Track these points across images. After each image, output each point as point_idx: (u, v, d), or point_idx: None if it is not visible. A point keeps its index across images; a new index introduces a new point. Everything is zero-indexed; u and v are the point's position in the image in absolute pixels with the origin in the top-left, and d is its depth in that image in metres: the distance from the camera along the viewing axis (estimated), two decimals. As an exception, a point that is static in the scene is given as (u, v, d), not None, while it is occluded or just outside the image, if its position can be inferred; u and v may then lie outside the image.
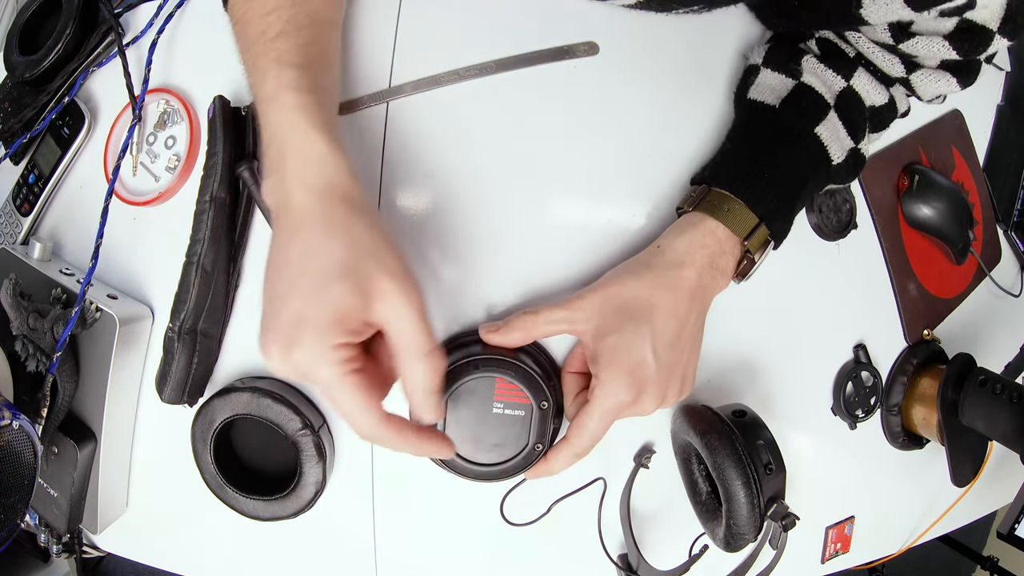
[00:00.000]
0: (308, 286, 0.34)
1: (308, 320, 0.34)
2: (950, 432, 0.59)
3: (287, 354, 0.34)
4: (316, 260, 0.35)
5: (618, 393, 0.42)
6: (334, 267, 0.35)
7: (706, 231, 0.45)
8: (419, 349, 0.35)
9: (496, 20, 0.50)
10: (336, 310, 0.34)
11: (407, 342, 0.35)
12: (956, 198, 0.64)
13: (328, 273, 0.34)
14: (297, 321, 0.34)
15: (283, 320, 0.34)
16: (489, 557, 0.53)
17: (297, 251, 0.36)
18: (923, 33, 0.43)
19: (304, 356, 0.34)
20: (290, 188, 0.36)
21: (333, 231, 0.36)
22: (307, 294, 0.34)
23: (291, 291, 0.35)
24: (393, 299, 0.35)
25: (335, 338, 0.34)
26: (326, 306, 0.34)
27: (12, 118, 0.56)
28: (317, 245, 0.35)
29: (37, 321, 0.45)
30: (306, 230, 0.36)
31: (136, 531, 0.54)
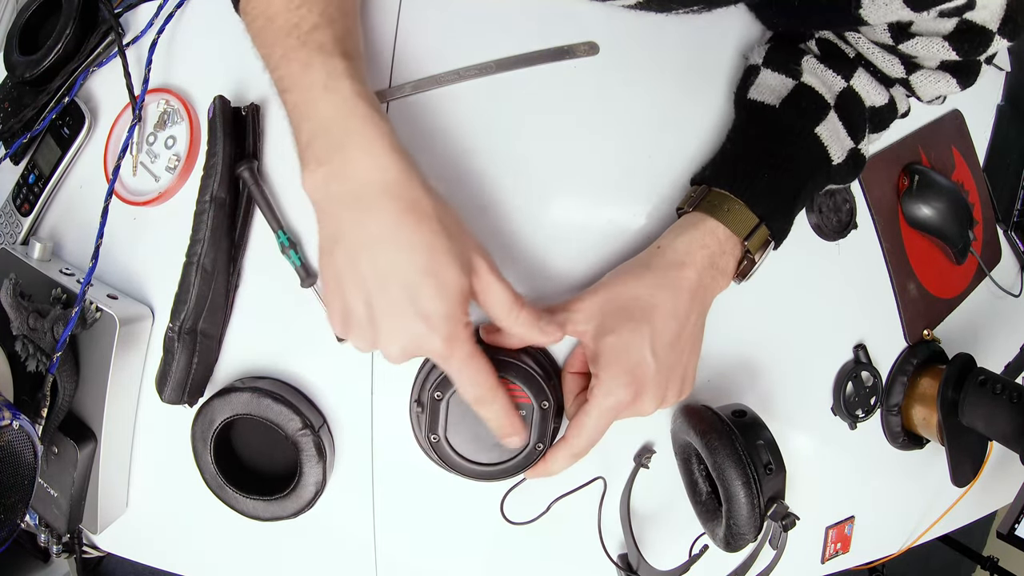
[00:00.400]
0: (427, 280, 0.36)
1: (436, 312, 0.36)
2: (950, 432, 0.59)
3: (422, 344, 0.36)
4: (426, 252, 0.36)
5: (617, 393, 0.42)
6: (446, 254, 0.36)
7: (706, 231, 0.45)
8: (512, 301, 0.40)
9: (496, 20, 0.50)
10: (460, 294, 0.37)
11: (502, 301, 0.39)
12: (956, 198, 0.64)
13: (444, 261, 0.36)
14: (426, 317, 0.36)
15: (408, 318, 0.36)
16: (489, 557, 0.53)
17: (398, 245, 0.36)
18: (923, 34, 0.43)
19: (441, 341, 0.36)
20: (363, 178, 0.36)
21: (429, 220, 0.36)
22: (430, 288, 0.36)
23: (407, 287, 0.36)
24: (482, 270, 0.38)
25: (464, 317, 0.37)
26: (452, 294, 0.36)
27: (12, 118, 0.56)
28: (421, 237, 0.36)
29: (37, 321, 0.45)
30: (402, 223, 0.36)
31: (136, 531, 0.54)
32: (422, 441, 0.46)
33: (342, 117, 0.37)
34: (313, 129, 0.37)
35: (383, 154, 0.37)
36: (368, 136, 0.37)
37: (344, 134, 0.37)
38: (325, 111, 0.37)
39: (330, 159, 0.37)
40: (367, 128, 0.37)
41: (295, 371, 0.50)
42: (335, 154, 0.37)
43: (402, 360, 0.38)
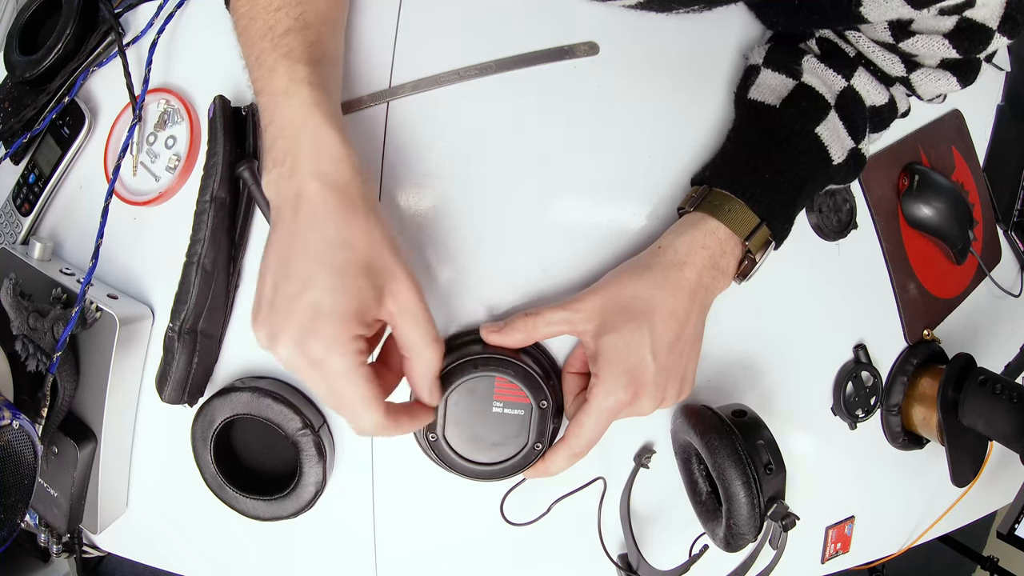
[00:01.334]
0: (330, 277, 0.35)
1: (326, 310, 0.35)
2: (950, 432, 0.59)
3: (302, 342, 0.35)
4: (338, 252, 0.36)
5: (616, 393, 0.42)
6: (357, 260, 0.36)
7: (707, 231, 0.45)
8: (427, 339, 0.38)
9: (496, 20, 0.50)
10: (358, 302, 0.36)
11: (417, 334, 0.38)
12: (956, 198, 0.64)
13: (351, 266, 0.36)
14: (315, 311, 0.35)
15: (300, 309, 0.35)
16: (489, 557, 0.53)
17: (316, 241, 0.36)
18: (923, 32, 0.43)
19: (320, 345, 0.35)
20: (304, 179, 0.37)
21: (354, 225, 0.37)
22: (329, 285, 0.35)
23: (310, 281, 0.35)
24: (403, 295, 0.37)
25: (353, 329, 0.35)
26: (349, 298, 0.35)
27: (12, 118, 0.56)
28: (338, 237, 0.36)
29: (37, 321, 0.45)
30: (326, 222, 0.36)
31: (136, 531, 0.54)
32: (421, 440, 0.46)
33: (296, 123, 0.38)
34: (274, 133, 0.39)
35: (326, 161, 0.38)
36: (316, 144, 0.38)
37: (296, 140, 0.38)
38: (283, 116, 0.39)
39: (284, 161, 0.38)
40: (316, 136, 0.38)
41: (295, 371, 0.50)
42: (288, 157, 0.38)
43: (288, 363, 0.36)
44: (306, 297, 0.35)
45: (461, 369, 0.44)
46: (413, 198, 0.49)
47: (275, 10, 0.41)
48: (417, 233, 0.49)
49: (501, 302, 0.49)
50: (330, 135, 0.38)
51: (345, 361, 0.35)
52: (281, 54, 0.40)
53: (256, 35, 0.41)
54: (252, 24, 0.41)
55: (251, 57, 0.41)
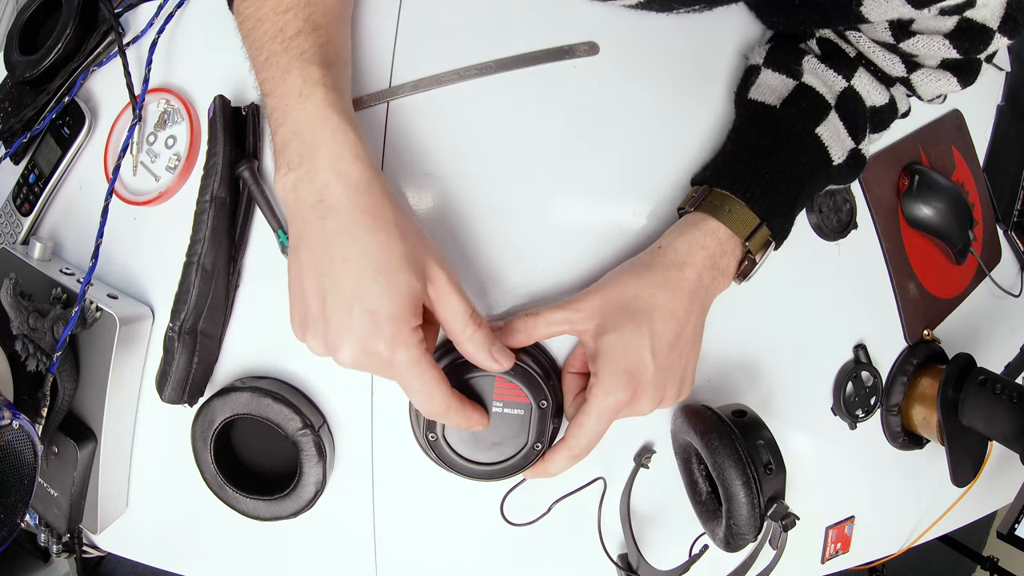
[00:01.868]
0: (378, 280, 0.36)
1: (384, 314, 0.36)
2: (950, 432, 0.59)
3: (366, 346, 0.36)
4: (380, 253, 0.37)
5: (616, 392, 0.42)
6: (400, 257, 0.37)
7: (707, 232, 0.45)
8: (468, 316, 0.40)
9: (496, 20, 0.50)
10: (408, 298, 0.37)
11: (457, 313, 0.39)
12: (956, 198, 0.64)
13: (394, 265, 0.37)
14: (372, 317, 0.36)
15: (356, 317, 0.36)
16: (489, 557, 0.53)
17: (354, 247, 0.37)
18: (923, 32, 0.43)
19: (384, 345, 0.36)
20: (327, 182, 0.37)
21: (386, 223, 0.37)
22: (379, 289, 0.36)
23: (359, 288, 0.36)
24: (439, 280, 0.39)
25: (411, 323, 0.37)
26: (400, 297, 0.37)
27: (12, 118, 0.56)
28: (376, 240, 0.37)
29: (37, 321, 0.45)
30: (358, 225, 0.37)
31: (136, 531, 0.54)
32: (421, 440, 0.46)
33: (313, 125, 0.38)
34: (287, 135, 0.39)
35: (348, 161, 0.38)
36: (336, 144, 0.38)
37: (314, 141, 0.38)
38: (298, 118, 0.39)
39: (300, 164, 0.38)
40: (336, 136, 0.38)
41: (295, 371, 0.50)
42: (305, 160, 0.38)
43: (352, 364, 0.37)
44: (360, 305, 0.36)
45: (461, 368, 0.44)
46: (413, 198, 0.49)
47: (284, 11, 0.41)
48: (417, 233, 0.49)
49: (501, 302, 0.49)
50: (349, 136, 0.38)
51: (410, 354, 0.37)
52: (293, 56, 0.39)
53: (265, 37, 0.41)
54: (260, 26, 0.41)
55: (259, 59, 0.41)
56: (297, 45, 0.40)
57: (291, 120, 0.39)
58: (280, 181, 0.39)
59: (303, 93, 0.39)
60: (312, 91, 0.39)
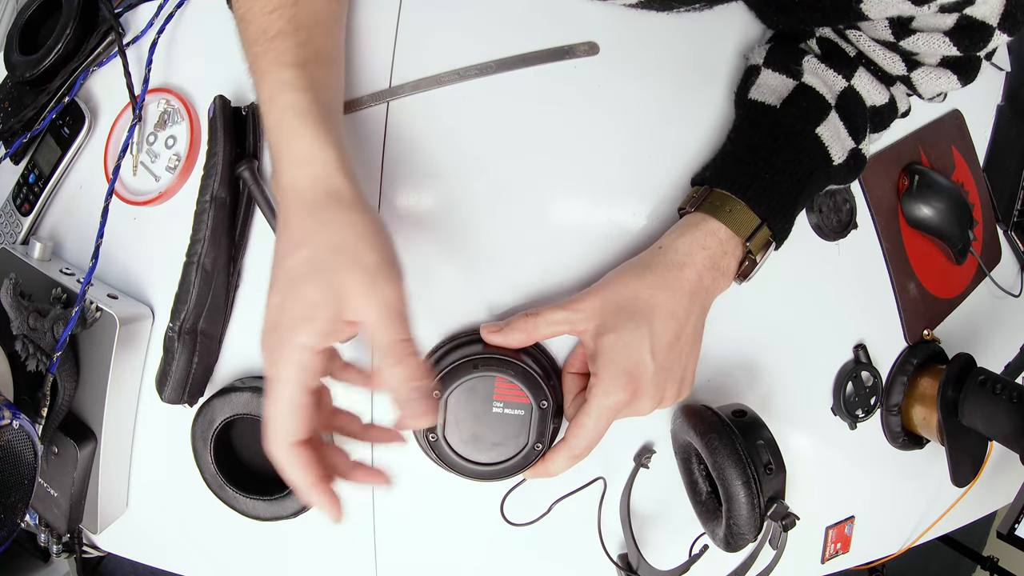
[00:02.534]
0: (284, 285, 0.36)
1: (283, 318, 0.35)
2: (950, 432, 0.59)
3: (264, 351, 0.36)
4: (291, 258, 0.36)
5: (615, 392, 0.42)
6: (303, 265, 0.36)
7: (708, 232, 0.45)
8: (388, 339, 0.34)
9: (496, 20, 0.50)
10: (306, 308, 0.35)
11: (377, 335, 0.35)
12: (956, 198, 0.64)
13: (299, 271, 0.36)
14: (276, 319, 0.36)
15: (268, 318, 0.36)
16: (489, 557, 0.53)
17: (280, 248, 0.37)
18: (923, 30, 0.43)
19: (271, 353, 0.35)
20: (282, 187, 0.38)
21: (309, 228, 0.37)
22: (284, 292, 0.36)
23: (274, 289, 0.36)
24: (364, 294, 0.34)
25: (301, 337, 0.34)
26: (298, 304, 0.35)
27: (12, 118, 0.56)
28: (294, 243, 0.37)
29: (37, 321, 0.45)
30: (289, 228, 0.37)
31: (136, 531, 0.54)
32: (420, 440, 0.46)
33: (276, 131, 0.39)
34: (267, 140, 0.41)
35: (296, 165, 0.38)
36: (291, 148, 0.38)
37: (277, 146, 0.39)
38: (270, 123, 0.40)
39: (274, 169, 0.40)
40: (291, 140, 0.38)
41: (295, 371, 0.50)
42: (275, 161, 0.39)
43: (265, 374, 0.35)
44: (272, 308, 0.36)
45: (461, 369, 0.44)
46: (413, 198, 0.49)
47: (269, 12, 0.41)
48: (417, 233, 0.49)
49: (501, 302, 0.49)
50: (300, 137, 0.38)
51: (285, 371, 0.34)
52: (270, 60, 0.40)
53: (252, 39, 0.41)
54: (248, 28, 0.42)
55: (248, 61, 0.42)
56: (275, 48, 0.40)
57: (267, 125, 0.40)
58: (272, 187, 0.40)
59: (271, 98, 0.39)
60: (277, 95, 0.39)
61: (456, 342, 0.48)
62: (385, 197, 0.48)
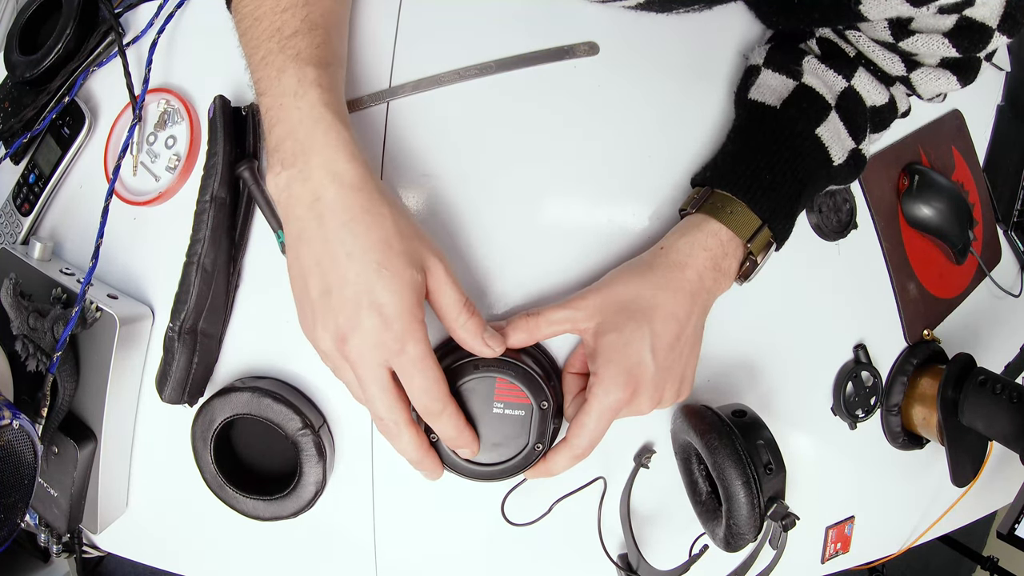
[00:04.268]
0: (382, 272, 0.37)
1: (391, 305, 0.37)
2: (950, 432, 0.59)
3: (377, 339, 0.37)
4: (382, 247, 0.37)
5: (615, 391, 0.42)
6: (401, 253, 0.38)
7: (709, 233, 0.45)
8: (462, 304, 0.40)
9: (496, 20, 0.50)
10: (415, 290, 0.38)
11: (452, 302, 0.40)
12: (956, 198, 0.64)
13: (399, 258, 0.37)
14: (380, 308, 0.37)
15: (363, 309, 0.37)
16: (489, 557, 0.53)
17: (356, 244, 0.37)
18: (923, 31, 0.43)
19: (394, 338, 0.37)
20: (322, 182, 0.38)
21: (383, 220, 0.38)
22: (384, 280, 0.37)
23: (365, 284, 0.37)
24: (437, 271, 0.39)
25: (418, 314, 0.38)
26: (407, 289, 0.37)
27: (12, 118, 0.56)
28: (376, 234, 0.37)
29: (37, 321, 0.45)
30: (356, 223, 0.38)
31: (136, 531, 0.54)
32: (422, 441, 0.46)
33: (307, 125, 0.39)
34: (281, 134, 0.39)
35: (343, 160, 0.38)
36: (330, 144, 0.38)
37: (308, 141, 0.39)
38: (293, 118, 0.39)
39: (294, 163, 0.39)
40: (329, 136, 0.39)
41: (295, 371, 0.50)
42: (299, 159, 0.39)
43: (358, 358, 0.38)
44: (367, 299, 0.37)
45: (461, 370, 0.44)
46: (413, 198, 0.49)
47: (282, 11, 0.41)
48: (417, 233, 0.49)
49: (502, 302, 0.49)
50: (343, 135, 0.39)
51: (418, 348, 0.37)
52: (289, 56, 0.40)
53: (262, 36, 0.41)
54: (258, 24, 0.41)
55: (255, 58, 0.41)
56: (294, 45, 0.40)
57: (286, 120, 0.39)
58: (273, 180, 0.39)
59: (298, 93, 0.39)
60: (307, 91, 0.39)
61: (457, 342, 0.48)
62: (385, 197, 0.48)
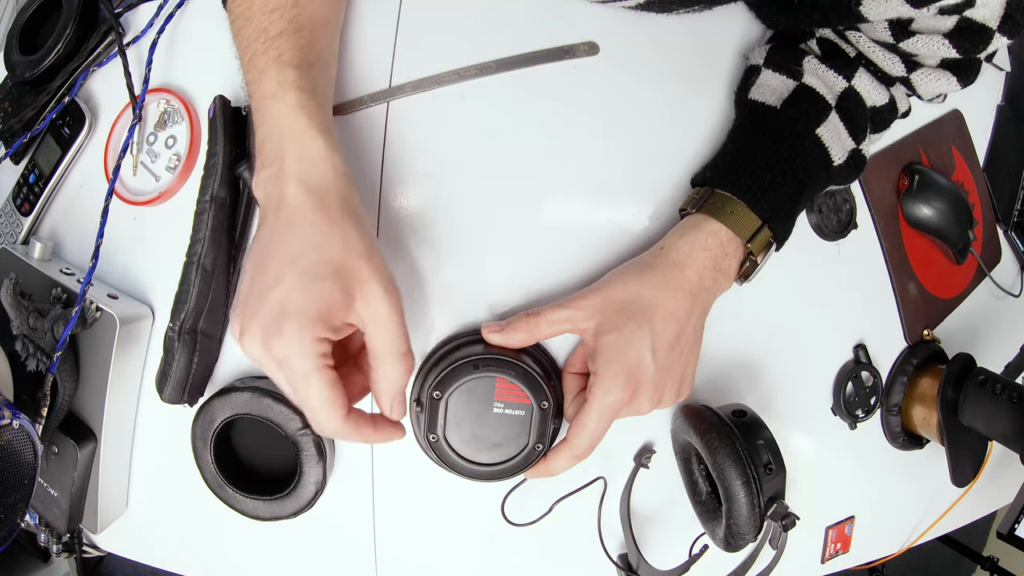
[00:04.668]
0: (298, 278, 0.36)
1: (293, 310, 0.35)
2: (950, 432, 0.59)
3: (266, 340, 0.35)
4: (310, 254, 0.36)
5: (615, 391, 0.42)
6: (326, 263, 0.36)
7: (709, 233, 0.45)
8: (395, 351, 0.37)
9: (496, 20, 0.50)
10: (323, 304, 0.36)
11: (384, 343, 0.37)
12: (956, 198, 0.64)
13: (320, 268, 0.36)
14: (281, 310, 0.35)
15: (267, 307, 0.36)
16: (489, 557, 0.53)
17: (291, 243, 0.37)
18: (923, 31, 0.43)
19: (282, 344, 0.35)
20: (286, 182, 0.38)
21: (328, 229, 0.37)
22: (296, 285, 0.35)
23: (280, 280, 0.36)
24: (375, 301, 0.37)
25: (317, 331, 0.35)
26: (314, 299, 0.35)
27: (12, 118, 0.56)
28: (312, 240, 0.37)
29: (37, 321, 0.45)
30: (302, 224, 0.37)
31: (136, 531, 0.54)
32: (421, 440, 0.46)
33: (283, 127, 0.39)
34: (262, 136, 0.40)
35: (311, 164, 0.38)
36: (302, 147, 0.39)
37: (282, 143, 0.39)
38: (271, 120, 0.39)
39: (272, 163, 0.39)
40: (303, 140, 0.39)
41: (295, 371, 0.50)
42: (275, 160, 0.39)
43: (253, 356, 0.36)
44: (274, 295, 0.36)
45: (462, 369, 0.44)
46: (413, 198, 0.49)
47: (270, 12, 0.41)
48: (417, 233, 0.49)
49: (502, 302, 0.49)
50: (314, 140, 0.39)
51: (305, 362, 0.35)
52: (272, 57, 0.40)
53: (250, 36, 0.41)
54: (247, 25, 0.42)
55: (244, 58, 0.42)
56: (277, 46, 0.40)
57: (266, 121, 0.40)
58: (255, 179, 0.40)
59: (276, 95, 0.39)
60: (285, 93, 0.39)
61: (457, 342, 0.48)
62: (385, 197, 0.48)
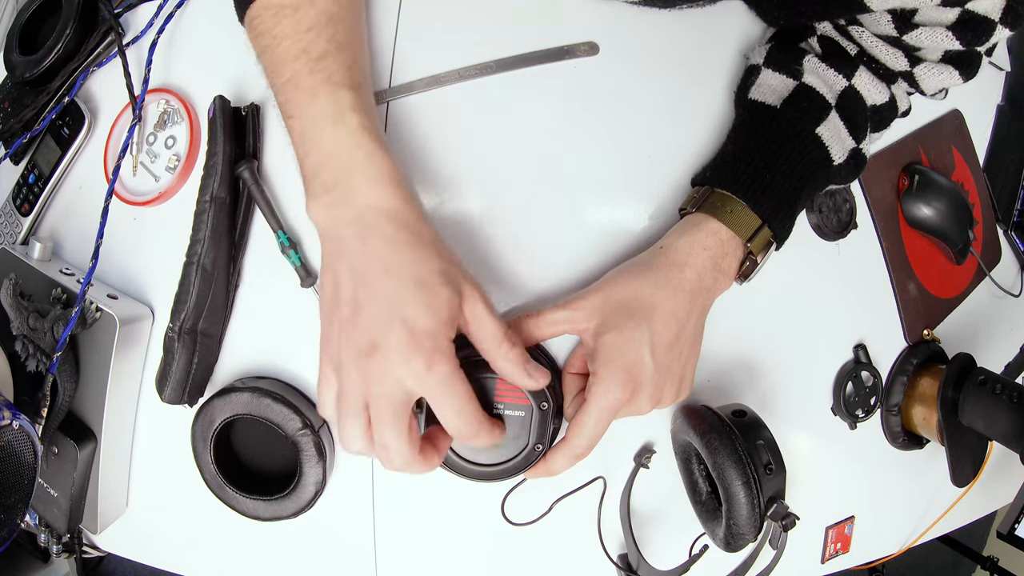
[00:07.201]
0: (418, 291, 0.37)
1: (422, 323, 0.36)
2: (950, 432, 0.59)
3: (405, 358, 0.36)
4: (421, 267, 0.38)
5: (614, 391, 0.42)
6: (439, 273, 0.38)
7: (709, 232, 0.45)
8: (503, 335, 0.40)
9: (496, 20, 0.50)
10: (449, 311, 0.37)
11: (492, 333, 0.40)
12: (956, 198, 0.64)
13: (435, 279, 0.38)
14: (410, 324, 0.36)
15: (395, 326, 0.36)
16: (489, 557, 0.53)
17: (398, 263, 0.37)
18: (926, 24, 0.43)
19: (423, 358, 0.36)
20: (365, 206, 0.38)
21: (423, 245, 0.39)
22: (419, 298, 0.37)
23: (400, 300, 0.37)
24: (474, 300, 0.39)
25: (450, 335, 0.38)
26: (441, 308, 0.37)
27: (12, 118, 0.56)
28: (416, 253, 0.38)
29: (37, 321, 0.45)
30: (398, 244, 0.38)
31: (136, 531, 0.54)
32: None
33: (348, 150, 0.39)
34: (319, 159, 0.39)
35: (386, 184, 0.39)
36: (372, 168, 0.39)
37: (350, 165, 0.39)
38: (331, 143, 0.39)
39: (336, 187, 0.39)
40: (372, 161, 0.39)
41: (295, 371, 0.50)
42: (340, 183, 0.39)
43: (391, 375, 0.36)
44: (399, 316, 0.36)
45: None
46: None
47: (305, 31, 0.40)
48: (417, 233, 0.49)
49: (502, 302, 0.49)
50: (385, 160, 0.39)
51: (447, 368, 0.37)
52: (321, 79, 0.39)
53: (287, 56, 0.40)
54: (279, 44, 0.41)
55: (279, 79, 0.41)
56: (324, 67, 0.40)
57: (322, 145, 0.39)
58: (314, 203, 0.39)
59: (335, 119, 0.39)
60: (344, 115, 0.39)
61: (456, 344, 0.48)
62: (385, 197, 0.48)
